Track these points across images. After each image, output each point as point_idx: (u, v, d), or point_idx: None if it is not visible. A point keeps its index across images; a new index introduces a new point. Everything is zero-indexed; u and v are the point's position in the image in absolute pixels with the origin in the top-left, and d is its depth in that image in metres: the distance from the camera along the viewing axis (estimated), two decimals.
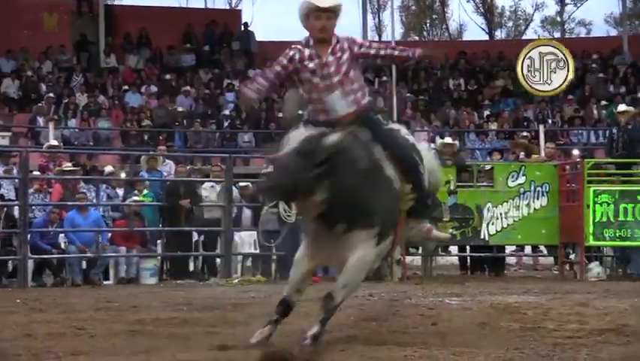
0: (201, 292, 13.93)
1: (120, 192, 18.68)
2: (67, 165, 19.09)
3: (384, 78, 30.96)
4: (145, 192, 18.00)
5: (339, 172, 6.94)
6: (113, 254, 17.09)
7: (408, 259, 17.58)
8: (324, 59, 7.32)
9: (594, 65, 31.41)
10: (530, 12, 47.35)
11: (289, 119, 8.22)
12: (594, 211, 16.71)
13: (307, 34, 7.39)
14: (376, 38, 36.52)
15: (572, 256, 17.43)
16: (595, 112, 29.24)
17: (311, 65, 7.33)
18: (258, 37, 33.67)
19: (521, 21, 46.76)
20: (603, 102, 28.95)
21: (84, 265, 16.56)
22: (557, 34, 45.23)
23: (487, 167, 19.48)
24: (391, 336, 7.65)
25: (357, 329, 8.26)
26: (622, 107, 20.54)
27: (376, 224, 7.09)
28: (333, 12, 7.35)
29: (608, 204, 16.93)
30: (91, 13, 31.01)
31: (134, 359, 6.76)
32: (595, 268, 17.19)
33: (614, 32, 38.61)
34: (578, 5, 47.40)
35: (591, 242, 17.01)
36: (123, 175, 19.84)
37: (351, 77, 7.44)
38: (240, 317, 9.55)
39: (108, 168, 20.19)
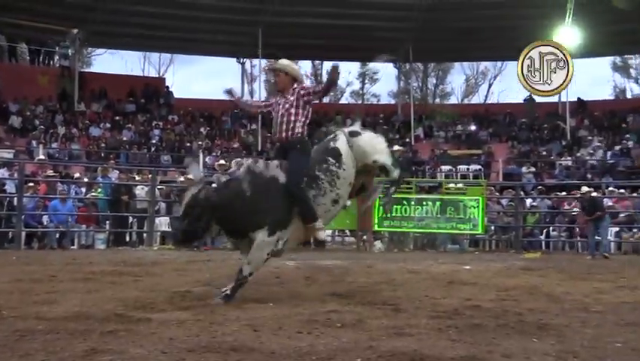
0: (133, 254, 13.62)
1: (83, 189, 18.28)
2: (50, 172, 18.71)
3: (253, 124, 30.98)
4: (99, 190, 17.71)
5: (221, 209, 6.46)
6: (77, 229, 16.64)
7: None
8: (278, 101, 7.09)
9: (381, 121, 31.90)
10: (344, 87, 47.97)
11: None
12: (378, 210, 16.93)
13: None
14: (249, 99, 36.22)
15: (365, 237, 17.61)
16: None
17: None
18: (175, 95, 33.30)
19: (338, 92, 47.26)
20: None
21: (58, 235, 16.07)
22: (360, 102, 45.92)
23: None
24: (251, 284, 7.60)
25: (231, 279, 8.17)
26: (396, 147, 20.89)
27: (264, 224, 6.49)
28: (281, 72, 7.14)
29: None
30: (70, 76, 30.35)
31: (87, 296, 6.57)
32: (378, 244, 17.41)
33: (393, 102, 39.17)
34: (372, 84, 48.24)
35: (376, 228, 17.25)
36: (86, 179, 19.36)
37: (290, 112, 6.96)
38: (157, 271, 9.40)
39: (76, 175, 19.84)
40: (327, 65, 43.74)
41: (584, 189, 16.98)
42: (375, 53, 29.83)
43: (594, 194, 17.06)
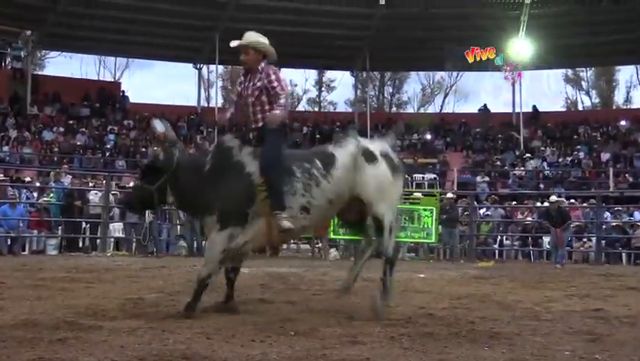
0: (86, 260, 13.44)
1: (35, 194, 17.99)
2: (0, 176, 18.37)
3: (210, 129, 30.82)
4: (51, 195, 17.43)
5: (179, 179, 6.01)
6: (28, 235, 16.35)
7: None
8: (246, 84, 6.26)
9: (337, 129, 31.93)
10: (300, 94, 47.93)
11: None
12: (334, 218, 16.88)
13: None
14: (205, 105, 36.17)
15: (320, 245, 17.57)
16: None
17: (239, 87, 6.36)
18: (131, 100, 32.96)
19: (295, 99, 47.30)
20: None
21: (9, 241, 15.68)
22: (316, 109, 45.91)
23: None
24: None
25: (185, 287, 8.11)
26: None
27: (214, 211, 5.86)
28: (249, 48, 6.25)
29: None
30: (22, 79, 29.88)
31: (37, 303, 6.45)
32: (333, 252, 17.42)
33: (350, 110, 39.37)
34: (329, 92, 48.40)
35: (332, 236, 17.23)
36: (38, 184, 19.06)
37: (262, 100, 6.17)
38: (109, 278, 9.28)
39: (27, 179, 19.53)
40: (284, 73, 43.84)
41: (553, 198, 17.00)
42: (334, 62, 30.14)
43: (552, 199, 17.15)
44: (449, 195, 18.97)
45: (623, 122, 32.18)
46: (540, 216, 18.32)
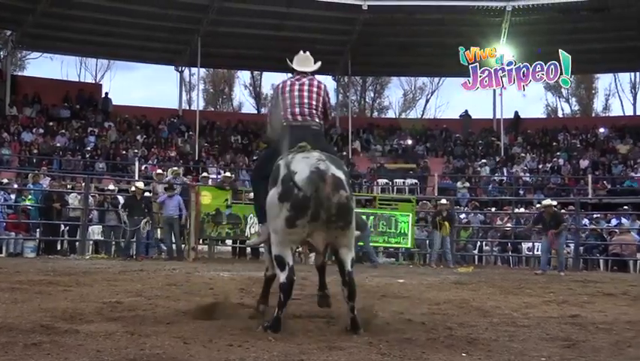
0: (64, 263, 13.32)
1: (13, 196, 17.82)
2: None
3: (191, 132, 30.74)
4: (30, 197, 17.32)
5: None
6: (5, 237, 16.20)
7: (199, 246, 17.32)
8: None
9: None
10: None
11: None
12: None
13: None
14: (186, 107, 36.09)
15: (300, 249, 17.50)
16: None
17: None
18: (113, 102, 32.77)
19: None
20: None
21: None
22: None
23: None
24: (184, 295, 7.55)
25: (163, 290, 8.09)
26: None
27: None
28: None
29: None
30: (1, 79, 29.62)
31: (12, 306, 6.34)
32: (313, 256, 17.38)
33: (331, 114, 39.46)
34: None
35: None
36: (15, 185, 18.90)
37: None
38: (87, 281, 9.20)
39: (5, 180, 19.36)
40: (266, 76, 43.83)
41: (547, 202, 16.54)
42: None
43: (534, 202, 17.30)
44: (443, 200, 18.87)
45: (601, 130, 32.52)
46: (532, 221, 18.21)
